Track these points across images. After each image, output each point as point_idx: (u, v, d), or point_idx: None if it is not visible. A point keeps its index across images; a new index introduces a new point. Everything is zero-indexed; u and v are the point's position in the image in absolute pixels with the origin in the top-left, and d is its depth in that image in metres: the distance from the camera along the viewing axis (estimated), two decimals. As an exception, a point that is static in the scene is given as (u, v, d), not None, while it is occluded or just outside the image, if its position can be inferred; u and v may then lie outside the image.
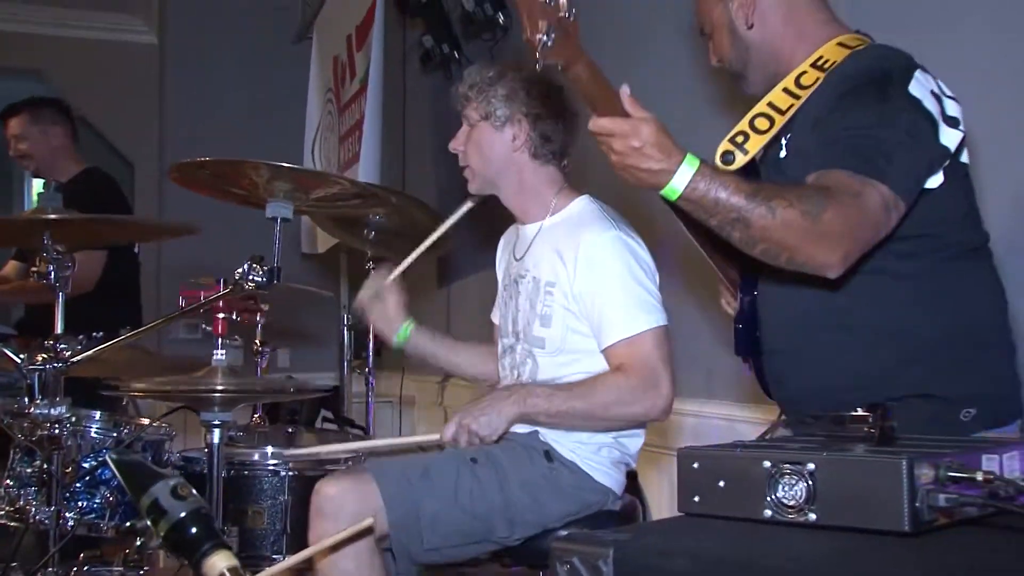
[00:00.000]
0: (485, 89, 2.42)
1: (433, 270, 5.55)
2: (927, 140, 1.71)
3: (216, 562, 1.09)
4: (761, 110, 1.78)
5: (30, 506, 2.45)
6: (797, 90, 1.77)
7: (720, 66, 1.96)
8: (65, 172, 4.18)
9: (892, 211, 1.65)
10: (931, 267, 1.79)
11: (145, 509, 1.13)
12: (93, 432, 2.57)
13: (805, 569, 1.14)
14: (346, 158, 5.30)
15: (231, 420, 2.37)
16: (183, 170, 2.15)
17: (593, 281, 2.31)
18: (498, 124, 2.41)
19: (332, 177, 2.29)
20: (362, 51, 5.08)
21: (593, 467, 2.35)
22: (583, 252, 2.32)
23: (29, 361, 2.35)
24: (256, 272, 2.13)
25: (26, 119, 4.16)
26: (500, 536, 2.25)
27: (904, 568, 1.15)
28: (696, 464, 1.36)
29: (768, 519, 1.28)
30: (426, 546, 2.18)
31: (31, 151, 4.17)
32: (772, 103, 1.78)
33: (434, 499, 2.17)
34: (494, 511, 2.23)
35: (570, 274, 2.33)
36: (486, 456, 2.27)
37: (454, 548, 2.24)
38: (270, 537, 2.48)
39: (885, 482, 1.21)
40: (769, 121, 1.75)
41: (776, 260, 1.63)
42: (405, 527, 2.15)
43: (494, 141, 2.42)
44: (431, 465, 2.24)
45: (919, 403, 1.74)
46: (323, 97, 5.83)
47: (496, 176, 2.45)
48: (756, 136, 1.73)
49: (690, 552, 1.21)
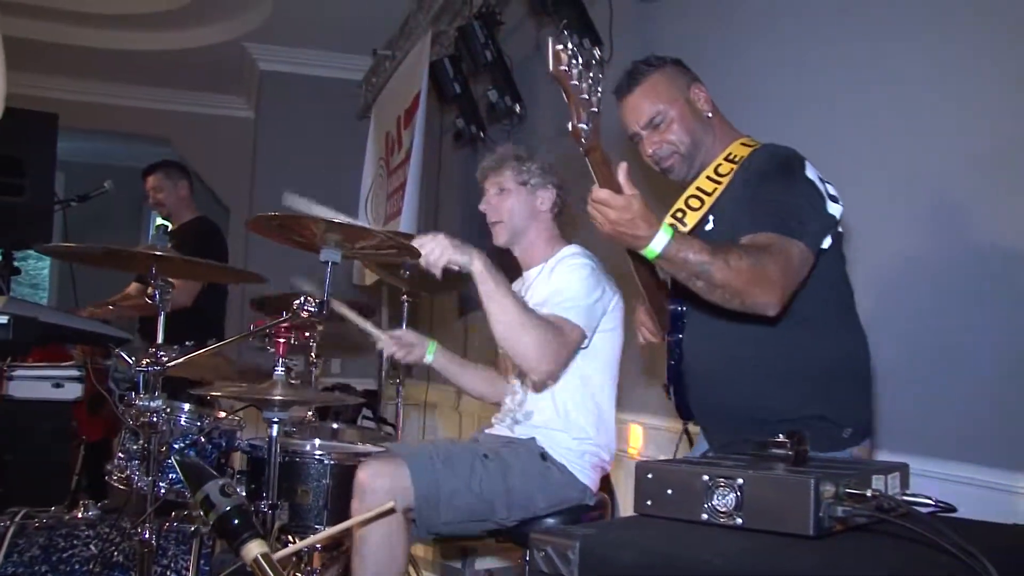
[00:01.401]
0: (524, 162, 2.47)
1: (455, 302, 5.54)
2: (823, 210, 1.74)
3: (252, 548, 1.09)
4: (692, 192, 1.81)
5: (134, 475, 2.49)
6: (717, 177, 1.80)
7: (658, 159, 1.90)
8: (184, 217, 4.32)
9: (807, 263, 1.68)
10: (823, 315, 1.80)
11: (199, 502, 1.13)
12: (182, 421, 2.57)
13: (730, 563, 1.13)
14: (391, 212, 5.31)
15: (287, 418, 2.40)
16: (259, 221, 2.15)
17: (559, 283, 2.32)
18: (531, 189, 2.45)
19: (373, 231, 2.27)
20: (408, 129, 5.11)
21: (577, 469, 2.33)
22: (557, 273, 2.36)
23: (136, 363, 2.37)
24: (310, 303, 2.15)
25: (162, 175, 4.32)
26: (500, 517, 2.23)
27: (807, 564, 1.14)
28: (650, 475, 1.35)
29: (704, 521, 1.28)
30: (443, 519, 2.17)
31: (164, 200, 4.31)
32: (700, 187, 1.81)
33: (453, 481, 2.16)
34: (497, 496, 2.21)
35: (547, 292, 2.33)
36: (495, 454, 2.26)
37: (463, 524, 2.23)
38: (314, 512, 2.46)
39: (797, 496, 1.21)
40: (700, 201, 1.77)
41: (730, 303, 1.63)
42: (428, 501, 2.13)
43: (529, 203, 2.46)
44: (452, 455, 2.22)
45: (815, 422, 1.75)
46: (376, 163, 5.85)
47: (524, 230, 2.48)
48: (691, 212, 1.76)
49: (640, 546, 1.20)
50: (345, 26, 6.02)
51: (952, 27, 2.18)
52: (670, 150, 1.89)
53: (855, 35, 2.49)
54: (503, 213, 2.47)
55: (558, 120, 4.70)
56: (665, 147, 1.89)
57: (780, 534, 1.21)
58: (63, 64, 6.75)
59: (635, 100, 1.90)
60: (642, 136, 1.91)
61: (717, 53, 2.97)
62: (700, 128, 1.90)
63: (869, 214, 2.24)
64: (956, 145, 2.14)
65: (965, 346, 2.13)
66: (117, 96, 7.43)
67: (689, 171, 1.91)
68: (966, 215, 2.14)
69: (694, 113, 1.90)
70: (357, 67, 6.59)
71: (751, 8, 3.01)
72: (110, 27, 6.42)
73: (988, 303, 2.08)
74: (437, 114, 5.59)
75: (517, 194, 2.46)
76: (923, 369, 2.23)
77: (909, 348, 2.25)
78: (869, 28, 2.44)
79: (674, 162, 1.90)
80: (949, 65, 2.17)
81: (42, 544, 2.33)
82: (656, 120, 1.88)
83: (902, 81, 2.31)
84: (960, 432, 2.12)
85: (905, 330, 2.23)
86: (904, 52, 2.31)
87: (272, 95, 6.74)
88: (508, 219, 2.47)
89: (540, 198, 2.47)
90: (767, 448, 1.38)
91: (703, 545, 1.20)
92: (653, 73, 1.90)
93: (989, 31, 2.09)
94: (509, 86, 4.51)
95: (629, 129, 1.93)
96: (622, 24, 3.64)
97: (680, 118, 1.88)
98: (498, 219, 2.48)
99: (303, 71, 6.69)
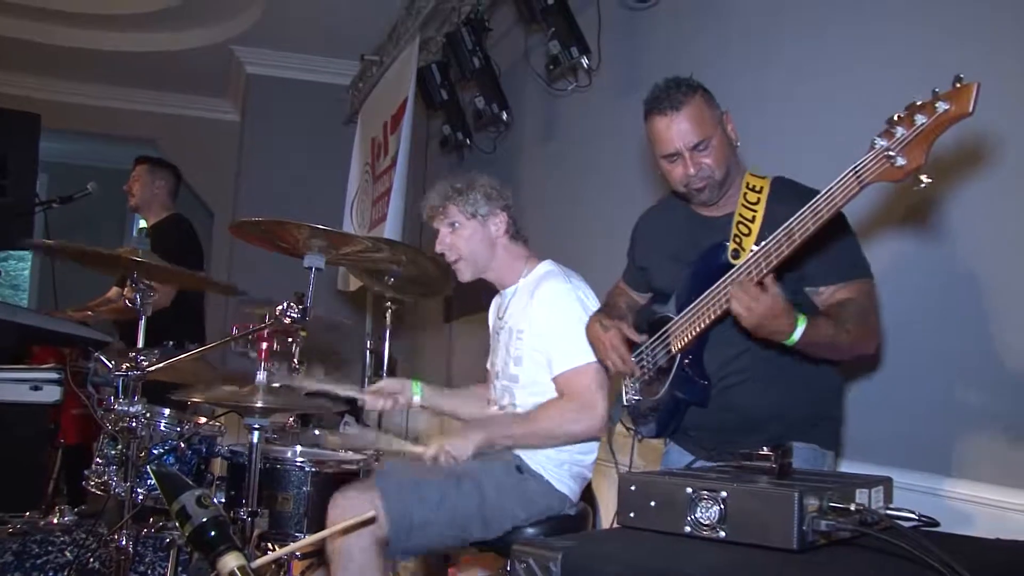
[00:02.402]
0: (465, 194, 2.42)
1: (440, 309, 5.51)
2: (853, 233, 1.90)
3: (228, 561, 1.06)
4: (739, 220, 1.85)
5: (112, 480, 2.45)
6: (751, 206, 1.85)
7: (690, 180, 1.92)
8: (158, 214, 4.27)
9: (875, 292, 1.87)
10: None
11: (174, 513, 1.10)
12: (162, 426, 2.54)
13: None
14: (376, 217, 5.28)
15: (268, 425, 2.37)
16: (242, 226, 2.13)
17: (547, 322, 2.31)
18: (482, 220, 2.41)
19: (357, 237, 2.25)
20: (394, 134, 5.08)
21: (555, 478, 2.32)
22: (540, 300, 2.33)
23: (116, 367, 2.34)
24: (293, 309, 2.12)
25: (145, 169, 4.29)
26: (476, 536, 2.23)
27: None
28: (633, 487, 1.34)
29: (687, 534, 1.27)
30: (415, 544, 2.17)
31: (136, 193, 4.26)
32: (743, 215, 1.85)
33: (422, 510, 2.16)
34: (470, 519, 2.21)
35: (532, 320, 2.33)
36: (467, 473, 2.24)
37: (438, 544, 2.24)
38: (294, 519, 2.44)
39: (780, 509, 1.20)
40: (747, 228, 1.82)
41: (848, 356, 1.86)
42: (400, 529, 2.13)
43: (483, 233, 2.42)
44: (423, 483, 2.20)
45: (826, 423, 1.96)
46: (362, 168, 5.82)
47: (487, 261, 2.45)
48: (745, 238, 1.81)
49: (622, 559, 1.19)
50: (333, 31, 6.00)
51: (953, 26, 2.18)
52: (707, 175, 1.91)
53: (846, 41, 2.49)
54: (461, 250, 2.43)
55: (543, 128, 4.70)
56: (704, 170, 1.91)
57: (764, 547, 1.20)
58: (47, 64, 6.69)
59: (682, 121, 1.89)
60: (683, 156, 1.91)
61: (705, 61, 2.97)
62: (732, 157, 1.95)
63: (864, 219, 2.23)
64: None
65: (949, 359, 2.14)
66: (102, 97, 7.37)
67: (714, 197, 1.95)
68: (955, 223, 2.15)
69: (728, 142, 1.94)
70: (344, 72, 6.56)
71: (739, 16, 3.01)
72: (96, 27, 6.37)
73: (975, 315, 2.08)
74: (424, 120, 5.57)
75: (471, 227, 2.42)
76: (906, 382, 2.23)
77: (892, 361, 2.25)
78: (861, 33, 2.44)
79: (706, 186, 1.92)
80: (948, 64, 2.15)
81: (15, 550, 2.29)
82: (701, 145, 1.90)
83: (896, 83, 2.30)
84: (944, 446, 2.12)
85: (889, 341, 2.23)
86: (898, 54, 2.31)
87: (258, 99, 6.71)
88: (468, 255, 2.43)
89: (493, 225, 2.43)
90: (751, 460, 1.37)
91: (686, 558, 1.19)
92: (695, 96, 1.91)
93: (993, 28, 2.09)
94: (496, 93, 4.50)
95: (669, 147, 1.92)
96: (610, 32, 3.65)
97: (719, 146, 1.91)
98: (457, 257, 2.44)
99: (290, 75, 6.66)
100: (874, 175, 1.44)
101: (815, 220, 1.54)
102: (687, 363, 1.92)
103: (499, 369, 2.46)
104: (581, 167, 4.06)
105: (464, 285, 2.54)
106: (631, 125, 3.66)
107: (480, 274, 2.47)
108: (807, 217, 1.56)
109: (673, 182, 1.97)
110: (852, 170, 1.47)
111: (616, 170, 3.69)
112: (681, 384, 1.93)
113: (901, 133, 1.39)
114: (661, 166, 1.98)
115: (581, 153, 4.08)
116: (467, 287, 2.57)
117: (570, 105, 4.10)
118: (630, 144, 3.51)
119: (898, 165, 1.40)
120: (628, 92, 3.57)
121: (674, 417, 1.97)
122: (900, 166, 1.40)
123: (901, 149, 1.39)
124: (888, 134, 1.41)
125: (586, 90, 3.79)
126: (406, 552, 2.19)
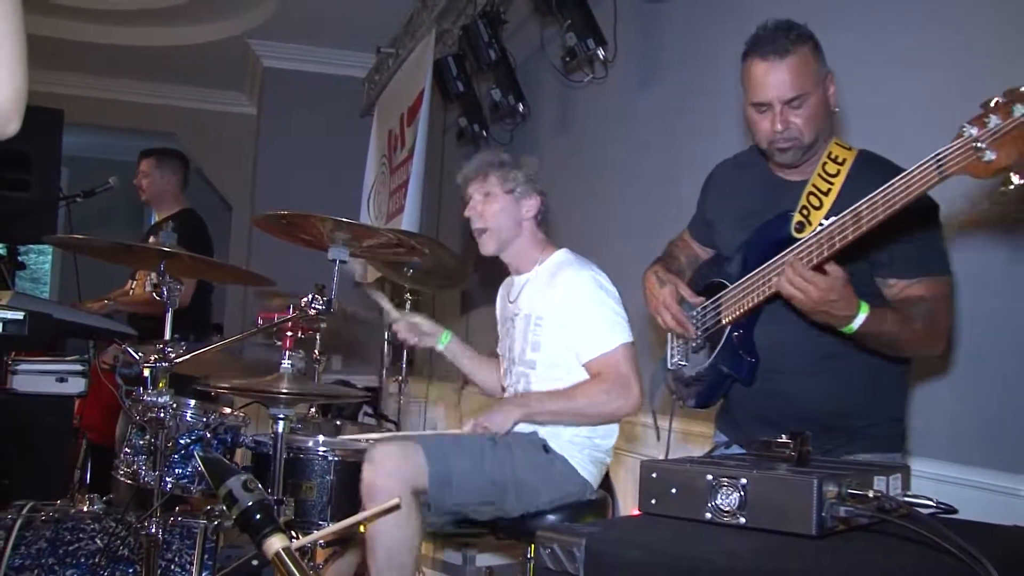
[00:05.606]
0: (509, 168, 2.45)
1: (457, 302, 5.54)
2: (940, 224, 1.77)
3: (274, 542, 1.10)
4: (811, 190, 1.76)
5: (140, 469, 2.49)
6: (828, 177, 1.75)
7: (775, 138, 1.76)
8: (169, 208, 4.27)
9: (953, 289, 1.76)
10: None
11: (222, 497, 1.14)
12: (188, 416, 2.57)
13: (734, 561, 1.14)
14: (393, 209, 5.31)
15: (292, 414, 2.41)
16: (266, 219, 2.16)
17: (570, 308, 2.34)
18: (517, 197, 2.43)
19: (381, 230, 2.28)
20: (411, 126, 5.10)
21: (578, 462, 2.35)
22: (561, 287, 2.36)
23: (144, 359, 2.37)
24: (317, 301, 2.16)
25: (153, 162, 4.29)
26: (508, 507, 2.25)
27: (809, 563, 1.15)
28: (654, 474, 1.36)
29: (708, 520, 1.29)
30: (455, 499, 2.18)
31: (146, 188, 4.28)
32: (816, 186, 1.75)
33: (464, 462, 2.18)
34: (506, 484, 2.23)
35: (554, 306, 2.36)
36: (502, 442, 2.27)
37: (473, 507, 2.24)
38: (318, 507, 2.48)
39: (799, 496, 1.22)
40: (819, 200, 1.73)
41: (910, 354, 1.79)
42: (441, 480, 2.14)
43: (514, 210, 2.45)
44: (462, 439, 2.26)
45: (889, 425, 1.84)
46: (379, 161, 5.84)
47: (511, 238, 2.47)
48: (815, 212, 1.72)
49: (645, 544, 1.21)
50: (349, 24, 6.02)
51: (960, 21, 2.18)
52: (794, 135, 1.75)
53: (865, 35, 2.49)
54: (489, 219, 2.45)
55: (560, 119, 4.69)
56: (792, 130, 1.74)
57: (783, 533, 1.22)
58: (69, 60, 6.75)
59: (784, 71, 1.71)
60: (774, 110, 1.74)
61: (722, 52, 2.97)
62: (825, 122, 1.79)
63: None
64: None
65: (967, 348, 2.14)
66: (122, 91, 7.44)
67: (797, 160, 1.80)
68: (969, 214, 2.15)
69: (826, 105, 1.78)
70: (360, 64, 6.59)
71: (756, 7, 3.00)
72: (115, 23, 6.42)
73: (990, 305, 2.08)
74: (440, 112, 5.58)
75: (504, 201, 2.45)
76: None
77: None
78: (875, 24, 2.44)
79: (792, 147, 1.76)
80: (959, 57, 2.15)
81: (49, 537, 2.34)
82: (795, 101, 1.73)
83: (910, 74, 2.31)
84: (961, 435, 2.13)
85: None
86: (912, 46, 2.31)
87: (275, 92, 6.74)
88: (495, 227, 2.45)
89: (526, 206, 2.47)
90: (771, 448, 1.39)
91: (707, 544, 1.21)
92: (804, 46, 1.73)
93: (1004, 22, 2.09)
94: (512, 85, 4.51)
95: (762, 96, 1.74)
96: (627, 23, 3.65)
97: (815, 106, 1.74)
98: (484, 226, 2.46)
99: (306, 68, 6.69)
100: (957, 166, 1.27)
101: (886, 207, 1.39)
102: (736, 336, 1.82)
103: (515, 355, 2.47)
104: (597, 159, 4.07)
105: (480, 279, 2.57)
106: (647, 116, 3.70)
107: (502, 250, 2.50)
108: (878, 202, 1.41)
109: (757, 136, 1.81)
110: (934, 157, 1.31)
111: (632, 162, 3.70)
112: (728, 358, 1.84)
113: (995, 123, 1.21)
114: (748, 114, 1.80)
115: (597, 145, 4.09)
116: (483, 281, 2.60)
117: (586, 97, 4.11)
118: (646, 136, 3.52)
119: (986, 160, 1.22)
120: (645, 84, 3.58)
121: (717, 391, 1.90)
122: (988, 161, 1.22)
123: (992, 141, 1.22)
124: (980, 121, 1.24)
125: (602, 82, 3.80)
126: (444, 510, 2.20)
